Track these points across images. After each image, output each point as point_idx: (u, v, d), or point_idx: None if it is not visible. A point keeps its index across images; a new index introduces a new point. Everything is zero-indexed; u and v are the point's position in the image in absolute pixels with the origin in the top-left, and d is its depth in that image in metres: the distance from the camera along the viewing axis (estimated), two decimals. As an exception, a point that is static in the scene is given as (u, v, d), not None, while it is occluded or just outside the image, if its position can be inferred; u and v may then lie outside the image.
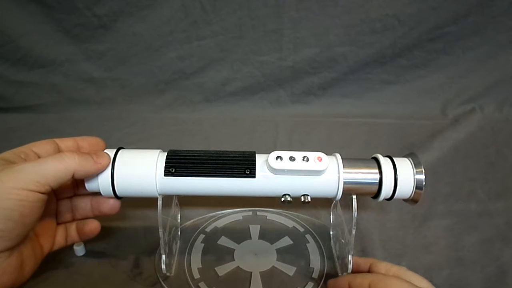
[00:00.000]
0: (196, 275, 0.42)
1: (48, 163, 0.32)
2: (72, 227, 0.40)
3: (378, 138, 0.67)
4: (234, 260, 0.44)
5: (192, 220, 0.49)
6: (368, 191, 0.38)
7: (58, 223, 0.40)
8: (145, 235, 0.47)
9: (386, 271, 0.36)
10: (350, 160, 0.38)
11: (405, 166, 0.38)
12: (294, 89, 0.71)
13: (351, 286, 0.35)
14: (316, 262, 0.44)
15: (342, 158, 0.38)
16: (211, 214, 0.50)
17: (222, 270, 0.43)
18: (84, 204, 0.40)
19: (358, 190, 0.38)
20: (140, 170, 0.37)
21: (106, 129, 0.67)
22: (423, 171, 0.37)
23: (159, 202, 0.38)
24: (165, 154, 0.38)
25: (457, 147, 0.63)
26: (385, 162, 0.38)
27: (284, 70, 0.69)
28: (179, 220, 0.48)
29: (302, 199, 0.37)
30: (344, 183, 0.37)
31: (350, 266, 0.39)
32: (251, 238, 0.47)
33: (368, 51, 0.67)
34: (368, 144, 0.65)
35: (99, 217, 0.40)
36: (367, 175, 0.37)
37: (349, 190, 0.37)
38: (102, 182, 0.36)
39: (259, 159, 0.37)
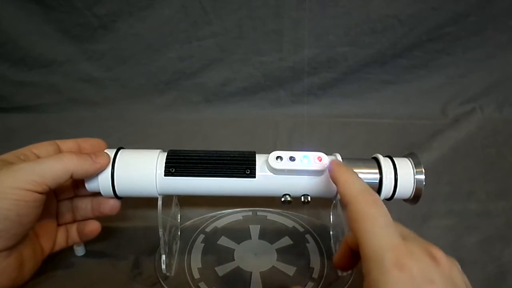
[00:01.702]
0: (196, 275, 0.42)
1: (46, 163, 0.32)
2: (73, 228, 0.40)
3: (378, 138, 0.67)
4: (234, 260, 0.44)
5: (192, 220, 0.49)
6: (368, 191, 0.38)
7: (58, 224, 0.40)
8: (145, 235, 0.46)
9: None
10: (350, 160, 0.38)
11: (405, 166, 0.38)
12: (294, 89, 0.71)
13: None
14: (316, 262, 0.44)
15: (342, 158, 0.38)
16: (211, 214, 0.50)
17: (222, 270, 0.43)
18: (84, 205, 0.40)
19: (358, 190, 0.38)
20: (140, 170, 0.37)
21: (106, 129, 0.67)
22: (423, 171, 0.37)
23: (159, 202, 0.38)
24: (165, 154, 0.38)
25: (457, 147, 0.63)
26: (385, 162, 0.38)
27: (284, 70, 0.69)
28: (179, 220, 0.48)
29: (302, 199, 0.37)
30: (344, 183, 0.37)
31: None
32: (251, 238, 0.47)
33: (368, 51, 0.67)
34: (368, 144, 0.65)
35: (100, 217, 0.40)
36: (367, 175, 0.37)
37: (349, 190, 0.37)
38: (102, 182, 0.36)
39: (259, 159, 0.37)
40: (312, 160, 0.35)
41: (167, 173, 0.36)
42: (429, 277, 0.24)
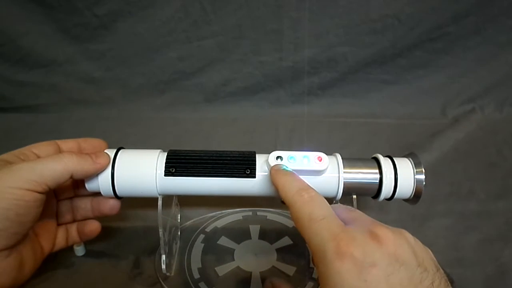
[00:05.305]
0: (196, 275, 0.42)
1: (46, 163, 0.32)
2: (73, 228, 0.40)
3: (378, 138, 0.67)
4: (234, 260, 0.44)
5: (192, 220, 0.49)
6: (368, 191, 0.38)
7: (58, 224, 0.40)
8: (145, 235, 0.47)
9: None
10: (350, 160, 0.38)
11: (405, 166, 0.38)
12: (294, 89, 0.71)
13: None
14: (316, 262, 0.44)
15: (342, 158, 0.38)
16: (211, 214, 0.50)
17: (222, 270, 0.43)
18: (84, 205, 0.40)
19: (358, 190, 0.38)
20: (140, 170, 0.37)
21: (106, 129, 0.67)
22: (423, 171, 0.37)
23: (159, 202, 0.38)
24: (165, 154, 0.38)
25: (457, 147, 0.63)
26: (385, 162, 0.38)
27: (284, 70, 0.69)
28: (179, 220, 0.48)
29: (302, 199, 0.37)
30: (344, 183, 0.37)
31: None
32: (251, 238, 0.47)
33: (368, 51, 0.67)
34: (368, 144, 0.65)
35: (100, 217, 0.40)
36: (367, 175, 0.37)
37: (349, 190, 0.37)
38: (102, 182, 0.36)
39: (259, 159, 0.37)
40: (312, 160, 0.35)
41: (167, 173, 0.36)
42: (371, 260, 0.24)
